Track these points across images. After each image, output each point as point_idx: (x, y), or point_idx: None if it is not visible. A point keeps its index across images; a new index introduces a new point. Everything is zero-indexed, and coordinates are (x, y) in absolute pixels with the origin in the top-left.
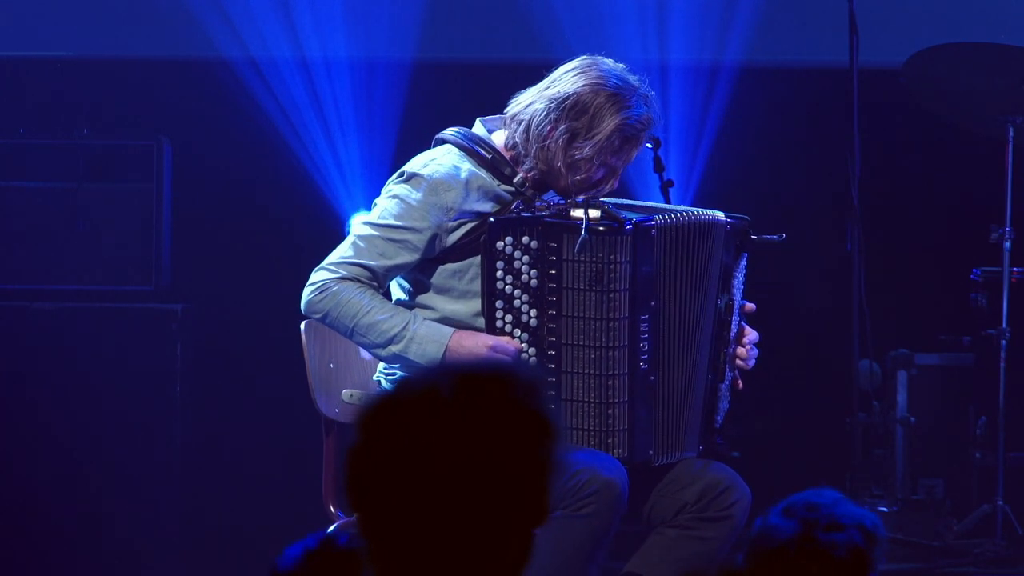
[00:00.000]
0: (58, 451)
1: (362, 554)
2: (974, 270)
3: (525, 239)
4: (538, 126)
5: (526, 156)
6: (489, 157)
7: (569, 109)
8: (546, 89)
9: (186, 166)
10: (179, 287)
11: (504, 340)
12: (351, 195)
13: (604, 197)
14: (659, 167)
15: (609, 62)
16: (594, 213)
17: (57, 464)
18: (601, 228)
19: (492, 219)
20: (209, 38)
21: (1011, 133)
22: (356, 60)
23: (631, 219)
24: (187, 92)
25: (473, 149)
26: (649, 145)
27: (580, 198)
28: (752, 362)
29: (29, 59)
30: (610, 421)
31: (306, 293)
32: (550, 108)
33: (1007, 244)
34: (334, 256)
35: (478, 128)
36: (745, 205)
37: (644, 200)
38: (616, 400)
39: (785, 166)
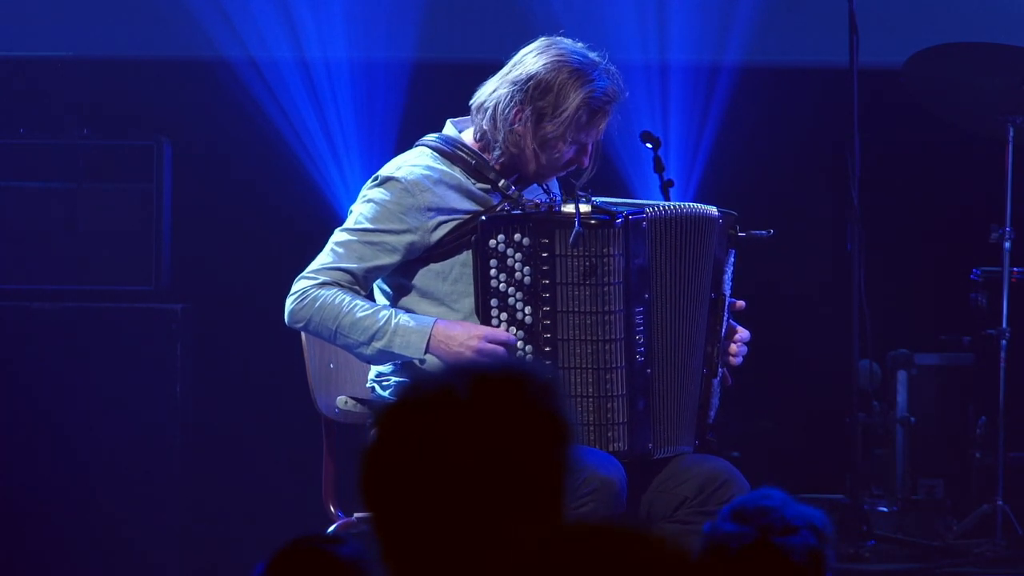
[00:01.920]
0: (58, 451)
1: (370, 557)
2: (974, 270)
3: (517, 236)
4: (504, 111)
5: (495, 143)
6: (468, 160)
7: (533, 89)
8: (508, 73)
9: (186, 166)
10: (179, 287)
11: (495, 330)
12: (351, 195)
13: (602, 198)
14: (659, 167)
15: (568, 41)
16: (585, 208)
17: (57, 464)
18: (592, 222)
19: (483, 217)
20: (209, 38)
21: (1011, 133)
22: (356, 60)
23: (622, 212)
24: (187, 92)
25: (447, 150)
26: (649, 145)
27: (559, 197)
28: (740, 359)
29: (29, 59)
30: (609, 415)
31: (288, 303)
32: (514, 91)
33: (1007, 244)
34: (314, 264)
35: (448, 129)
36: (745, 205)
37: (644, 200)
38: (614, 393)
39: (785, 166)
